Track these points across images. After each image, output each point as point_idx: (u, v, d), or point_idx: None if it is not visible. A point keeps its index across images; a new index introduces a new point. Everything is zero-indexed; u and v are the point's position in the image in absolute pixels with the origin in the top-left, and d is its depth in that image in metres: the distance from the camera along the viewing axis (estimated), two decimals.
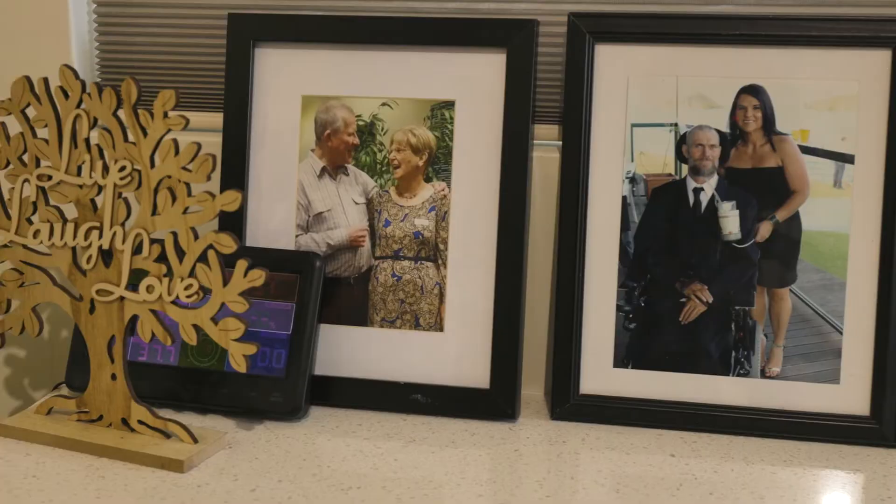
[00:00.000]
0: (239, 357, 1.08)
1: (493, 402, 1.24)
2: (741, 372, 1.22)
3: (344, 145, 1.29)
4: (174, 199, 1.08)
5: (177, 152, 1.07)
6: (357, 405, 1.26)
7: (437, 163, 1.27)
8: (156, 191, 1.09)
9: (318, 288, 1.24)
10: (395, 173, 1.28)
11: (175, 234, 1.09)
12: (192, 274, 1.08)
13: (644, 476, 1.09)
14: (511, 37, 1.24)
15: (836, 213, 1.20)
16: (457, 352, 1.26)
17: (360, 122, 1.29)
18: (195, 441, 1.11)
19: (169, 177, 1.09)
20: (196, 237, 1.08)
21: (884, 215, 1.18)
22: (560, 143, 1.26)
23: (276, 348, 1.23)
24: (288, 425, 1.21)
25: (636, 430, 1.22)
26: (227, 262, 1.08)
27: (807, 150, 1.20)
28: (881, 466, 1.13)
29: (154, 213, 1.10)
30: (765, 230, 1.21)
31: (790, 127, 1.20)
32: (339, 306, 1.29)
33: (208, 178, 1.06)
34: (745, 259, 1.22)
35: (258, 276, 1.06)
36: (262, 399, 1.21)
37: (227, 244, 1.06)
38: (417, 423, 1.23)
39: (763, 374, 1.22)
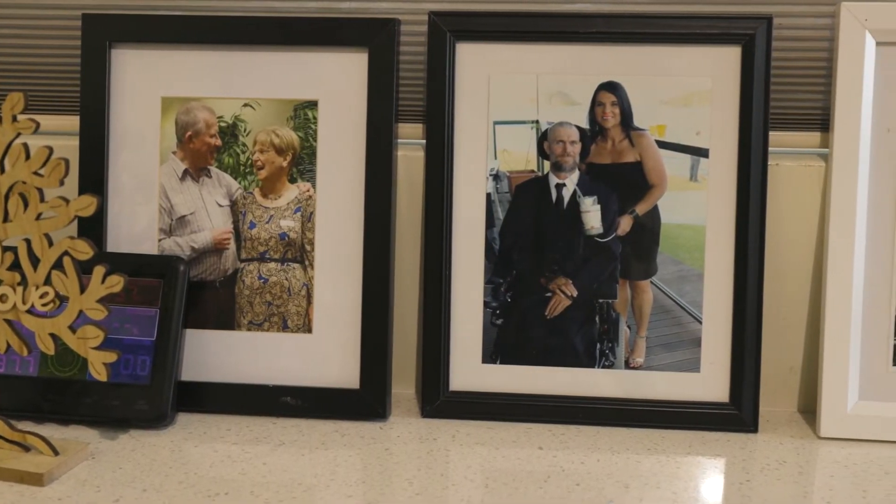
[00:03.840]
0: (99, 365, 1.06)
1: (363, 402, 1.24)
2: (606, 364, 1.24)
3: (206, 147, 1.27)
4: (26, 204, 1.05)
5: (27, 157, 1.04)
6: (226, 410, 1.25)
7: (302, 163, 1.26)
8: (6, 197, 1.06)
9: (183, 292, 1.22)
10: (258, 174, 1.27)
11: (28, 241, 1.06)
12: (47, 282, 1.06)
13: (513, 470, 1.10)
14: (372, 36, 1.24)
15: (692, 205, 1.23)
16: (326, 353, 1.26)
17: (222, 124, 1.27)
18: (55, 453, 1.08)
19: (24, 182, 1.06)
20: (51, 244, 1.05)
21: (738, 207, 1.21)
22: (424, 141, 1.27)
23: (139, 355, 1.20)
24: (154, 433, 1.18)
25: (506, 424, 1.23)
26: (86, 269, 1.06)
27: (664, 145, 1.23)
28: (741, 451, 1.17)
29: (5, 219, 1.06)
30: (625, 224, 1.24)
31: (647, 122, 1.23)
32: (206, 310, 1.27)
33: (61, 183, 1.04)
34: (607, 253, 1.24)
35: (116, 282, 1.04)
36: (127, 407, 1.19)
37: (83, 250, 1.04)
38: (287, 425, 1.22)
39: (627, 365, 1.24)
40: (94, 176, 1.27)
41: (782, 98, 1.27)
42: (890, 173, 1.20)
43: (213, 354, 1.27)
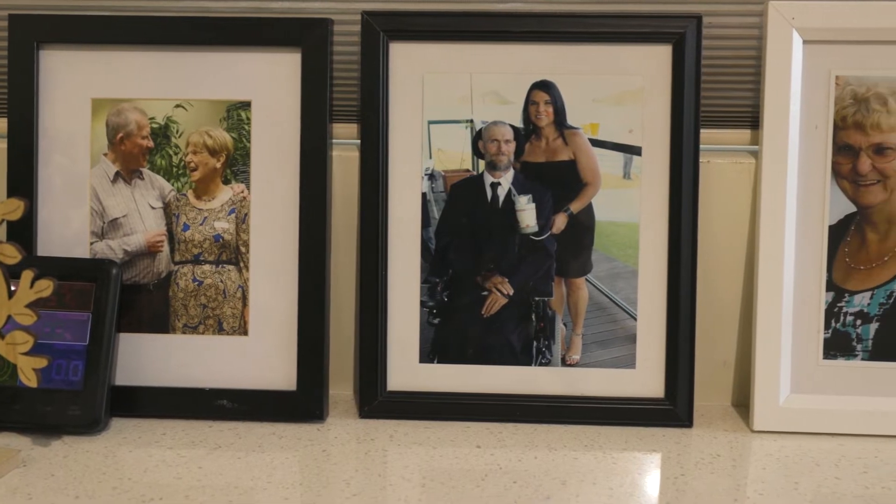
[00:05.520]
0: (28, 371, 1.04)
1: (300, 404, 1.23)
2: (543, 361, 1.25)
3: (138, 149, 1.26)
4: None
5: None
6: (161, 414, 1.24)
7: (236, 164, 1.25)
8: None
9: (116, 296, 1.21)
10: (192, 176, 1.26)
11: None
12: None
13: (450, 469, 1.11)
14: (305, 36, 1.23)
15: (626, 203, 1.24)
16: (262, 355, 1.25)
17: (154, 125, 1.26)
18: None
19: None
20: None
21: (670, 204, 1.23)
22: (359, 141, 1.26)
23: (72, 360, 1.19)
24: (87, 439, 1.17)
25: (444, 423, 1.23)
26: (14, 274, 1.04)
27: (597, 143, 1.24)
28: (676, 446, 1.18)
29: None
30: (560, 222, 1.25)
31: (581, 121, 1.24)
32: (139, 314, 1.26)
33: None
34: (542, 251, 1.25)
35: (46, 287, 1.03)
36: (60, 413, 1.17)
37: (11, 254, 1.03)
38: (224, 428, 1.21)
39: (564, 363, 1.25)
40: (23, 179, 1.25)
41: (713, 96, 1.28)
42: (818, 169, 1.22)
43: (147, 358, 1.25)
